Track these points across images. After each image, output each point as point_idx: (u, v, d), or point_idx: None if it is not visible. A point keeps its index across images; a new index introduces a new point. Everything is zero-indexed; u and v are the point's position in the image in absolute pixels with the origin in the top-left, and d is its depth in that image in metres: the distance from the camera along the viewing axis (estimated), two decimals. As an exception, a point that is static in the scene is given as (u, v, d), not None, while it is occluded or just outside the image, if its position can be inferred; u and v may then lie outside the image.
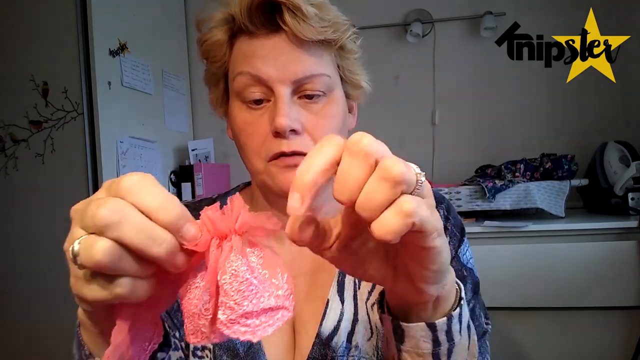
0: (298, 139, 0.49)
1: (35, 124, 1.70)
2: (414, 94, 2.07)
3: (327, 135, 0.28)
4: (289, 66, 0.49)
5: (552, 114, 1.95)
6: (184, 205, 0.28)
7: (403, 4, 2.07)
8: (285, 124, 0.47)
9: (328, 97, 0.52)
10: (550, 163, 1.61)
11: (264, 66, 0.49)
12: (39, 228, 1.69)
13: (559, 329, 1.38)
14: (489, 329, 0.55)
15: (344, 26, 0.52)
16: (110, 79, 1.70)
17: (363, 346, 0.51)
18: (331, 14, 0.51)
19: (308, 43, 0.49)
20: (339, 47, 0.52)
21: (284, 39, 0.49)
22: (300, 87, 0.50)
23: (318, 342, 0.51)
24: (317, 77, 0.50)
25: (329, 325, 0.52)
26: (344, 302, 0.53)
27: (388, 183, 0.25)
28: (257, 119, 0.51)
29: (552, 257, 1.37)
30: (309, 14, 0.47)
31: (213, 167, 2.11)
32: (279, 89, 0.49)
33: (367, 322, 0.53)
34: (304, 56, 0.49)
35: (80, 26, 1.65)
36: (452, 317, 0.36)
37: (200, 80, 0.61)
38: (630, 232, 1.34)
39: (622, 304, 1.33)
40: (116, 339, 0.28)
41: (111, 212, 0.25)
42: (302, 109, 0.51)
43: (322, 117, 0.51)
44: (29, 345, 1.70)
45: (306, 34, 0.48)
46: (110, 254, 0.25)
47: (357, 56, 0.56)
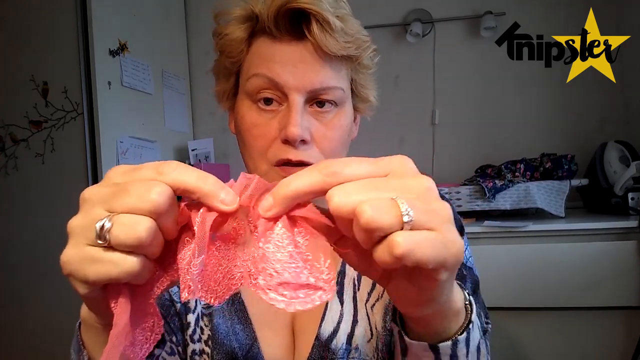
0: (306, 149, 0.50)
1: (35, 124, 1.70)
2: (414, 94, 2.07)
3: (324, 162, 0.28)
4: (307, 75, 0.48)
5: (552, 114, 1.95)
6: None
7: (403, 4, 2.07)
8: (297, 133, 0.47)
9: (338, 109, 0.52)
10: (550, 163, 1.61)
11: (282, 72, 0.48)
12: (38, 228, 1.69)
13: (559, 329, 1.38)
14: (489, 328, 0.55)
15: (365, 43, 0.52)
16: (110, 79, 1.70)
17: (363, 348, 0.51)
18: (354, 28, 0.50)
19: (329, 56, 0.49)
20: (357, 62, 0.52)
21: (307, 48, 0.49)
22: (314, 97, 0.50)
23: (317, 344, 0.51)
24: (332, 89, 0.50)
25: (328, 327, 0.52)
26: (343, 304, 0.53)
27: (363, 232, 0.25)
28: (266, 122, 0.51)
29: (552, 257, 1.37)
30: (336, 28, 0.47)
31: (213, 167, 2.11)
32: (293, 97, 0.49)
33: (367, 323, 0.52)
34: (323, 68, 0.49)
35: (80, 26, 1.65)
36: (457, 341, 0.35)
37: (200, 80, 0.61)
38: (630, 232, 1.34)
39: (622, 304, 1.33)
40: (119, 321, 0.28)
41: (159, 193, 0.26)
42: (312, 118, 0.51)
43: (331, 129, 0.51)
44: (27, 345, 1.70)
45: (331, 47, 0.47)
46: (154, 231, 0.26)
47: (372, 71, 0.56)
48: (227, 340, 0.52)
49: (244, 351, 0.52)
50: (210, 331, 0.53)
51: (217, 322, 0.53)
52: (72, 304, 0.58)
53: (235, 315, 0.54)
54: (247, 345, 0.52)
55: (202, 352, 0.52)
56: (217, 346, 0.52)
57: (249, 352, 0.52)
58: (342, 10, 0.49)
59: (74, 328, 0.41)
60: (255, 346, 0.52)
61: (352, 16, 0.51)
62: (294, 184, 0.27)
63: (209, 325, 0.53)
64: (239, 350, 0.52)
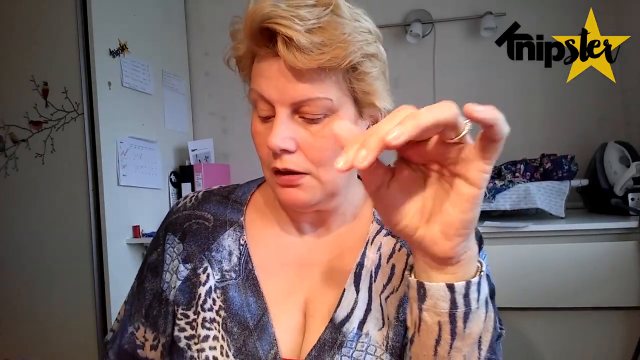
0: (291, 158, 0.51)
1: (35, 124, 1.70)
2: (414, 94, 2.07)
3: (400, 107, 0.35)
4: (287, 89, 0.50)
5: (552, 113, 1.95)
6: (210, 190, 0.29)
7: (403, 4, 2.08)
8: (274, 144, 0.50)
9: (331, 118, 0.52)
10: (550, 163, 1.61)
11: (266, 87, 0.51)
12: (39, 228, 1.70)
13: (558, 329, 1.38)
14: (503, 333, 0.59)
15: (352, 46, 0.49)
16: (110, 79, 1.71)
17: (374, 335, 0.53)
18: (337, 37, 0.48)
19: (307, 68, 0.49)
20: (350, 68, 0.51)
21: (283, 62, 0.49)
22: (299, 109, 0.51)
23: (331, 326, 0.54)
24: (314, 100, 0.50)
25: (343, 312, 0.54)
26: (359, 292, 0.56)
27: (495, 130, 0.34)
28: (264, 132, 0.53)
29: (552, 257, 1.37)
30: (302, 45, 0.46)
31: (213, 167, 2.11)
32: (278, 110, 0.51)
33: (380, 313, 0.55)
34: (301, 81, 0.49)
35: (80, 26, 1.65)
36: (470, 283, 0.40)
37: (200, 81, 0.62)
38: (630, 232, 1.34)
39: (622, 304, 1.33)
40: None
41: None
42: (300, 127, 0.51)
43: (319, 138, 0.51)
44: (32, 344, 1.70)
45: (297, 63, 0.47)
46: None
47: (374, 74, 0.53)
48: (240, 311, 0.56)
49: (255, 320, 0.55)
50: (222, 302, 0.56)
51: (233, 295, 0.57)
52: (72, 304, 0.58)
53: (249, 289, 0.57)
54: (258, 316, 0.55)
55: (212, 320, 0.56)
56: (231, 315, 0.56)
57: (260, 321, 0.55)
58: (327, 19, 0.48)
59: (75, 327, 0.41)
60: (266, 316, 0.55)
61: (349, 20, 0.49)
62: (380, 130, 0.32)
63: (222, 297, 0.57)
64: (251, 319, 0.55)
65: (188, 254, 0.59)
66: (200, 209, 0.63)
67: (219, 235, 0.60)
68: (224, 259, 0.58)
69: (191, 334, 0.56)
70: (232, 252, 0.59)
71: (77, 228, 1.64)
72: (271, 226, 0.61)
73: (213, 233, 0.60)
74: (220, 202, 0.63)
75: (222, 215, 0.62)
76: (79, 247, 1.65)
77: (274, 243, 0.60)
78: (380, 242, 0.58)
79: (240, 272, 0.58)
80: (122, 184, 1.72)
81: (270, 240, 0.60)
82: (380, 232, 0.59)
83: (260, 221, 0.62)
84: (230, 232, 0.60)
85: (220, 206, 0.63)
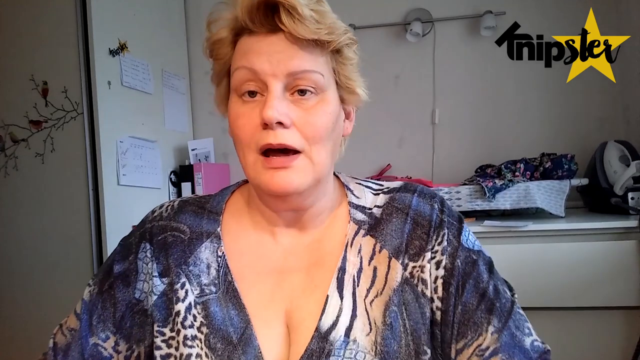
0: (286, 132, 0.51)
1: (35, 124, 1.70)
2: (414, 93, 2.07)
3: None
4: (282, 61, 0.51)
5: (552, 113, 1.95)
6: (185, 200, 0.28)
7: (403, 3, 2.07)
8: (272, 115, 0.49)
9: (320, 97, 0.53)
10: (550, 162, 1.61)
11: (258, 61, 0.51)
12: (39, 228, 1.70)
13: (559, 329, 1.38)
14: (516, 299, 0.58)
15: (339, 29, 0.53)
16: (110, 79, 1.70)
17: (362, 341, 0.52)
18: (328, 18, 0.53)
19: (303, 42, 0.51)
20: (336, 51, 0.54)
21: (281, 38, 0.52)
22: (293, 82, 0.52)
23: (317, 335, 0.53)
24: (309, 72, 0.52)
25: (328, 320, 0.53)
26: (343, 299, 0.54)
27: None
28: (250, 111, 0.52)
29: (552, 257, 1.37)
30: (304, 15, 0.50)
31: (213, 167, 2.11)
32: (271, 83, 0.51)
33: (365, 318, 0.54)
34: (298, 53, 0.51)
35: (80, 26, 1.65)
36: None
37: (200, 80, 0.63)
38: (630, 232, 1.34)
39: (622, 304, 1.33)
40: None
41: None
42: (292, 105, 0.52)
43: (313, 114, 0.52)
44: (30, 345, 1.70)
45: (300, 32, 0.50)
46: None
47: (354, 63, 0.57)
48: (223, 326, 0.54)
49: (239, 334, 0.54)
50: (203, 318, 0.55)
51: (214, 310, 0.55)
52: (72, 303, 0.58)
53: (230, 302, 0.55)
54: (242, 329, 0.54)
55: (194, 337, 0.54)
56: (213, 331, 0.54)
57: (243, 335, 0.54)
58: (318, 6, 0.52)
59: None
60: (249, 328, 0.54)
61: (329, 12, 0.54)
62: None
63: (202, 313, 0.55)
64: (234, 333, 0.54)
65: (164, 267, 0.58)
66: (176, 220, 0.61)
67: (196, 248, 0.58)
68: (202, 273, 0.57)
69: (167, 352, 0.54)
70: (210, 265, 0.57)
71: (77, 228, 1.64)
72: (248, 234, 0.60)
73: (190, 246, 0.58)
74: (196, 213, 0.62)
75: (198, 227, 0.60)
76: (79, 247, 1.65)
77: (252, 251, 0.59)
78: (360, 243, 0.57)
79: (220, 284, 0.56)
80: (122, 183, 1.72)
81: (248, 248, 0.59)
82: (358, 232, 0.58)
83: (237, 229, 0.60)
84: (207, 243, 0.59)
85: (196, 217, 0.61)
